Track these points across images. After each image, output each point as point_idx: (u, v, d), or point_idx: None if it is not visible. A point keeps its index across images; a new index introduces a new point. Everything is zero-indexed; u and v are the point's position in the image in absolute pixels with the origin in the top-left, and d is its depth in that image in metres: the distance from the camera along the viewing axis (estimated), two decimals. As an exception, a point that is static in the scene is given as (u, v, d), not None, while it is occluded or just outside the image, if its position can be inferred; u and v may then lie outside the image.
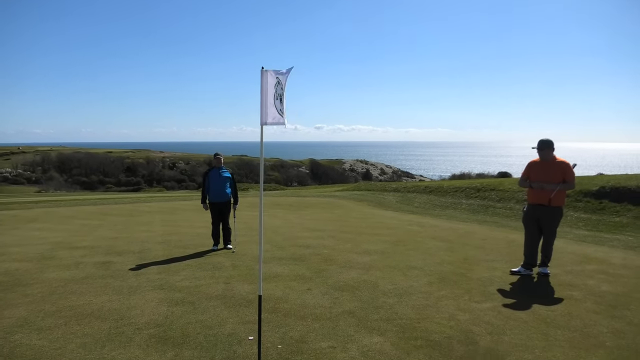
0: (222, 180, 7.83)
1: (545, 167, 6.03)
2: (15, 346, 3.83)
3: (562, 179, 5.92)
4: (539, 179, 6.03)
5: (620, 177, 14.17)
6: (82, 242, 8.49)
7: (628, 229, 10.08)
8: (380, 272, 6.19)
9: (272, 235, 9.05)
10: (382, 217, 12.56)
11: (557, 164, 5.98)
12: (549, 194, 5.94)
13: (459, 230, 9.93)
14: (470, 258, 7.11)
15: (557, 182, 5.92)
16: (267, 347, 3.79)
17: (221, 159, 7.92)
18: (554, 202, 5.96)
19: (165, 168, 72.59)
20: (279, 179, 63.05)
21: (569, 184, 5.93)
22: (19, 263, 6.79)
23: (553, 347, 3.83)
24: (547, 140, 6.01)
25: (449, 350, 3.75)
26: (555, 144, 6.02)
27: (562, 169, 5.94)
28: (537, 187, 6.02)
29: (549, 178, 5.96)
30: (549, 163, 6.01)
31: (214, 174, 7.86)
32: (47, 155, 70.45)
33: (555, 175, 5.94)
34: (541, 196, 6.01)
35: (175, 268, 6.46)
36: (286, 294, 5.19)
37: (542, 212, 6.05)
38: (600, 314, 4.62)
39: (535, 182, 6.05)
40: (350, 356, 3.65)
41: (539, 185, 5.99)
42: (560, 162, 6.00)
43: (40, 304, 4.91)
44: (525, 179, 6.26)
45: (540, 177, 6.02)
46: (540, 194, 6.02)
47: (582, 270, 6.37)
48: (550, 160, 6.01)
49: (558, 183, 5.92)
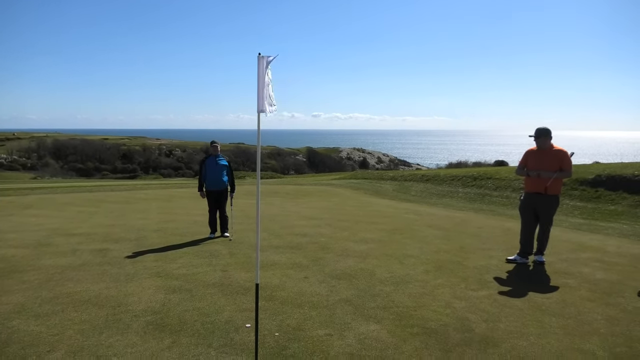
0: (219, 169, 7.79)
1: (542, 156, 6.03)
2: (12, 332, 3.84)
3: (559, 167, 5.91)
4: (536, 167, 6.04)
5: (616, 166, 14.21)
6: (78, 229, 8.47)
7: (623, 217, 10.14)
8: (377, 261, 6.21)
9: (269, 224, 9.05)
10: (378, 206, 12.58)
11: (554, 152, 5.97)
12: (545, 182, 5.94)
13: (456, 219, 9.96)
14: (467, 246, 7.15)
15: (554, 170, 5.91)
16: (264, 334, 3.81)
17: (218, 147, 7.85)
18: (550, 190, 5.97)
19: (161, 155, 72.30)
20: (276, 167, 62.97)
21: (566, 172, 5.93)
22: (16, 249, 6.78)
23: (548, 334, 3.87)
24: (545, 128, 6.00)
25: (445, 338, 3.78)
26: (553, 132, 6.03)
27: (559, 158, 5.93)
28: (534, 175, 6.02)
29: (546, 166, 5.95)
30: (546, 151, 6.01)
31: (210, 162, 7.81)
32: (42, 142, 70.01)
33: (552, 163, 5.93)
34: (538, 184, 6.02)
35: (172, 256, 6.46)
36: (283, 282, 5.21)
37: (539, 201, 6.07)
38: (594, 301, 4.66)
39: (532, 171, 6.06)
40: (347, 344, 3.67)
41: (536, 174, 5.99)
42: (558, 150, 5.99)
43: (38, 290, 4.91)
44: (522, 167, 6.27)
45: (537, 165, 6.03)
46: (537, 182, 6.03)
47: (577, 258, 6.41)
48: (548, 148, 6.01)
49: (555, 171, 5.90)
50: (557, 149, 6.01)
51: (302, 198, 14.51)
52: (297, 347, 3.60)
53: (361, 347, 3.62)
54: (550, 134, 5.99)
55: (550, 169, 5.92)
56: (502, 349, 3.59)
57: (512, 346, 3.65)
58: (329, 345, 3.63)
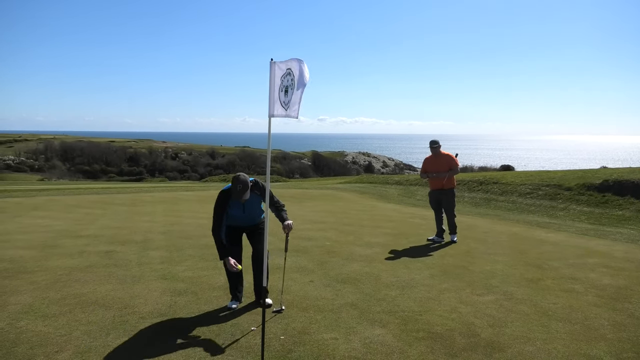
0: (250, 204, 4.57)
1: (436, 160, 7.87)
2: (21, 332, 3.87)
3: (449, 167, 7.74)
4: (434, 170, 7.85)
5: (624, 171, 14.13)
6: (85, 231, 8.53)
7: (631, 223, 10.07)
8: (383, 265, 6.21)
9: (274, 227, 9.06)
10: (384, 210, 12.57)
11: (444, 157, 7.82)
12: (442, 181, 7.76)
13: (461, 224, 9.92)
14: (472, 251, 7.13)
15: (445, 170, 7.75)
16: (269, 337, 3.82)
17: (247, 192, 4.30)
18: (446, 185, 7.77)
19: (167, 158, 72.67)
20: (281, 170, 63.05)
21: (454, 171, 7.78)
22: (23, 250, 6.84)
23: (554, 340, 3.85)
24: (436, 140, 7.83)
25: (450, 342, 3.77)
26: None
27: (447, 161, 7.79)
28: (432, 177, 7.85)
29: (440, 168, 7.79)
30: (438, 157, 7.84)
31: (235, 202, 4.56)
32: (50, 144, 70.61)
33: (443, 165, 7.78)
34: (437, 183, 7.84)
35: (178, 258, 6.49)
36: (289, 286, 5.22)
37: (440, 195, 7.90)
38: (601, 307, 4.63)
39: (430, 173, 7.88)
40: (352, 347, 3.67)
41: (431, 175, 7.84)
42: (446, 155, 7.84)
43: (45, 291, 4.95)
44: (424, 172, 8.03)
45: (434, 168, 7.85)
46: (437, 181, 7.84)
47: (584, 263, 6.37)
48: (439, 154, 7.84)
49: (447, 171, 7.73)
50: (445, 154, 7.85)
51: (307, 202, 14.52)
52: (302, 351, 3.60)
53: (366, 351, 3.62)
54: (439, 143, 7.82)
55: (443, 170, 7.76)
56: (508, 354, 3.58)
57: (518, 351, 3.63)
58: (334, 349, 3.63)
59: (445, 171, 7.72)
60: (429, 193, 8.16)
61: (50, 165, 61.83)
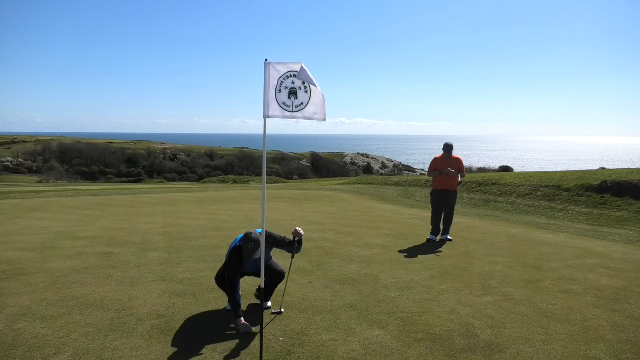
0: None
1: (448, 161, 8.03)
2: (19, 334, 3.86)
3: (459, 169, 8.00)
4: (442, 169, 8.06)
5: (622, 172, 14.14)
6: (83, 233, 8.52)
7: (629, 224, 10.08)
8: (382, 266, 6.21)
9: (273, 228, 9.05)
10: (383, 211, 12.57)
11: (456, 159, 8.08)
12: (456, 181, 8.03)
13: (460, 225, 9.92)
14: (471, 252, 7.13)
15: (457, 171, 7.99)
16: (269, 339, 3.82)
17: (259, 250, 4.16)
18: (452, 187, 8.06)
19: (166, 159, 72.66)
20: (280, 171, 63.06)
21: (462, 173, 8.06)
22: (22, 252, 6.82)
23: (553, 341, 3.85)
24: (450, 144, 8.12)
25: (449, 344, 3.77)
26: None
27: (459, 163, 8.06)
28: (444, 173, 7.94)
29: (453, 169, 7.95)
30: (450, 159, 8.05)
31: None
32: (48, 145, 70.57)
33: (453, 167, 7.96)
34: (446, 183, 8.05)
35: (177, 260, 6.48)
36: (288, 287, 5.21)
37: (446, 195, 8.10)
38: (600, 307, 4.63)
39: (444, 170, 7.98)
40: (351, 349, 3.67)
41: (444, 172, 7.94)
42: (457, 158, 8.13)
43: (44, 293, 4.94)
44: (434, 169, 8.14)
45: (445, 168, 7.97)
46: (445, 182, 8.03)
47: (583, 264, 6.38)
48: (450, 156, 8.06)
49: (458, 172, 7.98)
50: (455, 157, 8.12)
51: (306, 203, 14.52)
52: (301, 352, 3.60)
53: (365, 352, 3.61)
54: (453, 147, 8.11)
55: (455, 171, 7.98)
56: (508, 355, 3.58)
57: (517, 352, 3.63)
58: (333, 351, 3.63)
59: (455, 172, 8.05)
60: (432, 192, 8.34)
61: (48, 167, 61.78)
